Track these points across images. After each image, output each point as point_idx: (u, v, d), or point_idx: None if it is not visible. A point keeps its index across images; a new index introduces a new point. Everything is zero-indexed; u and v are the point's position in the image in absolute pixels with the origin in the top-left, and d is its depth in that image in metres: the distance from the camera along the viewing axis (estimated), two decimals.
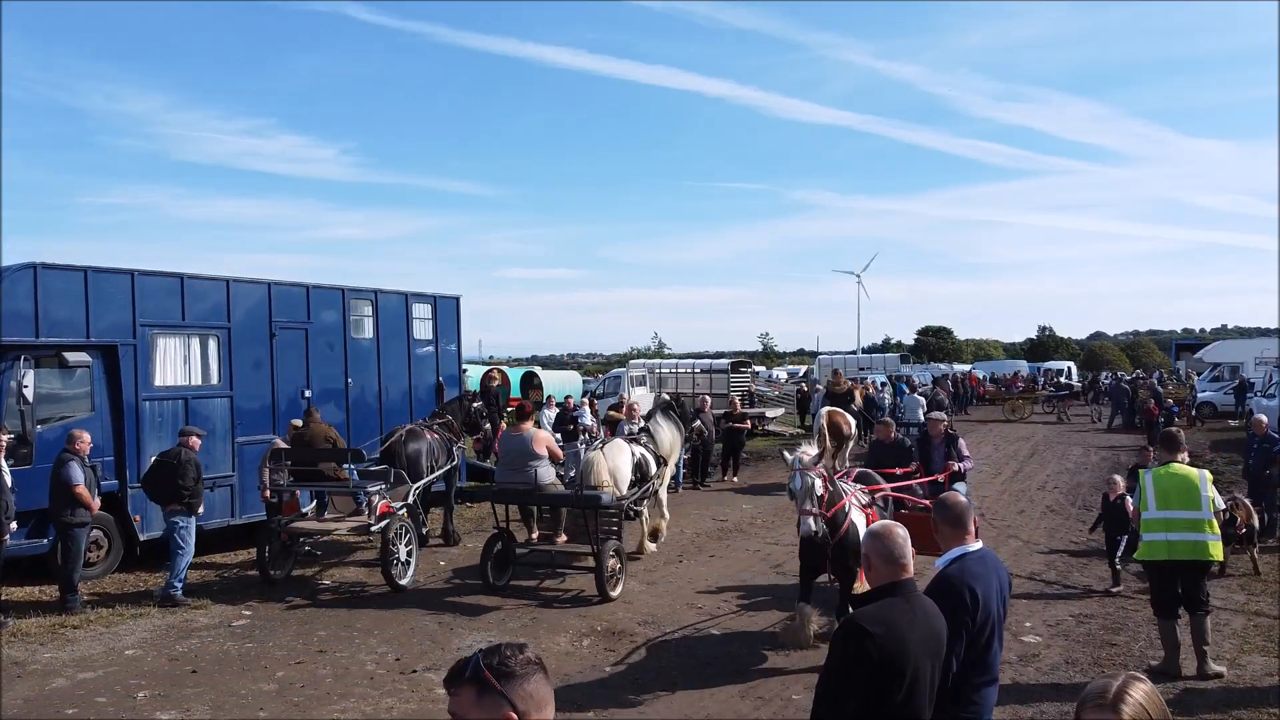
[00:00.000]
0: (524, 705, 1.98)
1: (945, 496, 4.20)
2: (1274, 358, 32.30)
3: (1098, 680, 2.36)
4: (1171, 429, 8.46)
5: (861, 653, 3.23)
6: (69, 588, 9.68)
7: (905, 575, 3.47)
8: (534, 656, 2.05)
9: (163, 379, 12.03)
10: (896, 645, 3.26)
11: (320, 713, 6.95)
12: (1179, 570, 7.43)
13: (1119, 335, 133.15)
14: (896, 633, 3.28)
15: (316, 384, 13.95)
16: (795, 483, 7.77)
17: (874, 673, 3.23)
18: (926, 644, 3.37)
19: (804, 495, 7.69)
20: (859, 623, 3.32)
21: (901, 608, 3.39)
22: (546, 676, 2.06)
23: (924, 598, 3.58)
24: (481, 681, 1.98)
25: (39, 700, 7.22)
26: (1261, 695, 7.02)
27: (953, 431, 10.55)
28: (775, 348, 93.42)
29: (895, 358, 56.96)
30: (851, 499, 8.27)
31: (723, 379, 31.87)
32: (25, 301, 10.71)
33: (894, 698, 3.25)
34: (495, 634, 8.87)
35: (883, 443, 11.02)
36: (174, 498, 10.07)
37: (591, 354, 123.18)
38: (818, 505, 7.69)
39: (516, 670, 2.00)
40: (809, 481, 7.69)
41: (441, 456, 12.83)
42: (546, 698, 2.04)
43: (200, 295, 12.55)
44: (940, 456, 10.46)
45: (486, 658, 2.02)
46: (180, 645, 8.59)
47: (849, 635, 3.31)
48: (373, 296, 15.02)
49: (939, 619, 3.54)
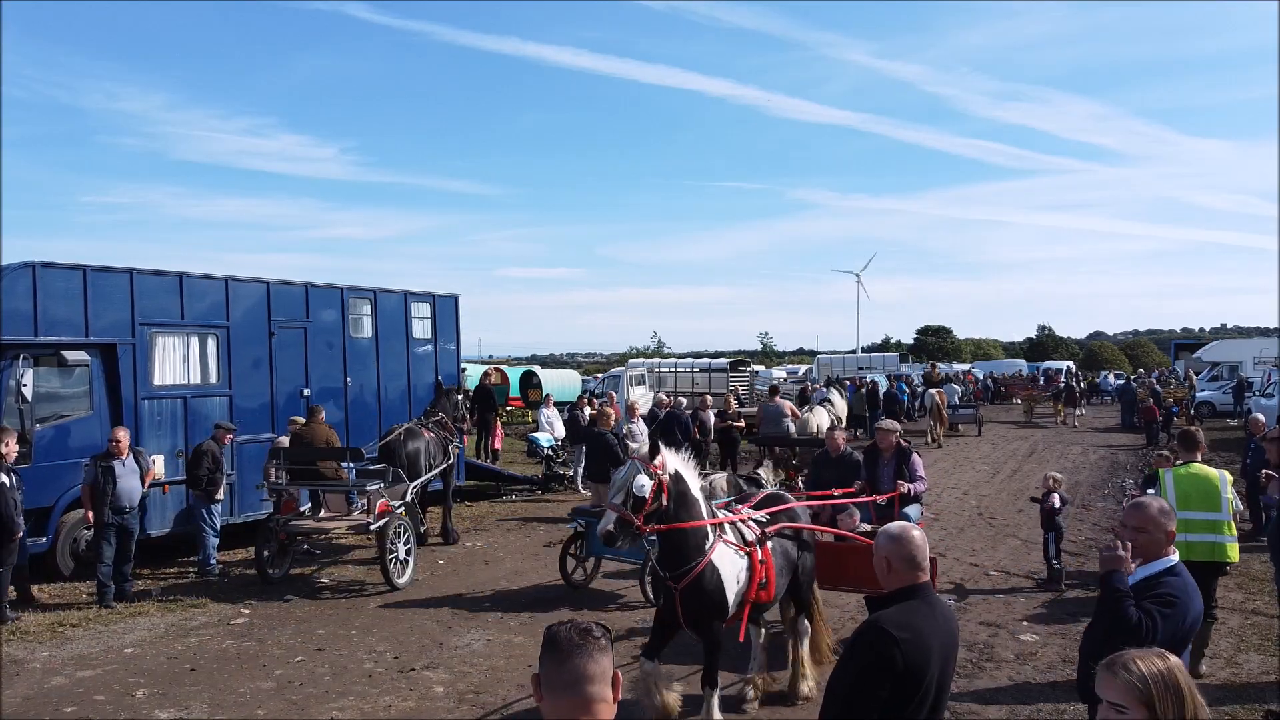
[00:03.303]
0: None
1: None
2: (1273, 357, 32.33)
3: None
4: (1190, 428, 8.39)
5: (886, 660, 3.11)
6: (121, 578, 10.13)
7: (924, 578, 3.38)
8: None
9: (161, 378, 12.03)
10: (921, 651, 3.15)
11: (318, 711, 6.96)
12: (1193, 571, 7.42)
13: (1118, 335, 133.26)
14: (921, 638, 3.18)
15: (315, 383, 13.96)
16: (619, 471, 6.03)
17: (898, 680, 3.11)
18: (946, 648, 3.30)
19: (619, 487, 5.93)
20: (884, 627, 3.18)
21: (923, 611, 3.28)
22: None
23: (940, 600, 3.47)
24: (608, 644, 2.19)
25: (37, 698, 7.23)
26: (1259, 693, 7.03)
27: (906, 444, 8.76)
28: (775, 347, 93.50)
29: (894, 357, 56.99)
30: (723, 525, 6.31)
31: (722, 378, 31.85)
32: (24, 300, 10.71)
33: (911, 703, 3.17)
34: (494, 632, 8.88)
35: (828, 455, 9.07)
36: (193, 485, 11.16)
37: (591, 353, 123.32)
38: (630, 506, 5.82)
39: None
40: (631, 475, 5.87)
41: (438, 455, 12.84)
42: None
43: (199, 294, 12.56)
44: (889, 475, 8.57)
45: (595, 628, 2.18)
46: (179, 644, 8.60)
47: (873, 641, 3.18)
48: (371, 296, 15.02)
49: (954, 620, 3.47)
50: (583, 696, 2.08)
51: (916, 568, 3.37)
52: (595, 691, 2.09)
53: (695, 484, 6.15)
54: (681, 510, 5.99)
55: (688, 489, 6.06)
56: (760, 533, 6.51)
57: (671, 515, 5.95)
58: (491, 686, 7.42)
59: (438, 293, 16.35)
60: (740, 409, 22.85)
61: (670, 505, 5.94)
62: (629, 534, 5.86)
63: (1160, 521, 3.92)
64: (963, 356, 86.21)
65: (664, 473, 5.93)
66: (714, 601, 5.99)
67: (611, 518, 5.81)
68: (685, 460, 6.25)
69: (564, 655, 2.11)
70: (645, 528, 5.86)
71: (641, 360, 39.69)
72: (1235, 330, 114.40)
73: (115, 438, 9.98)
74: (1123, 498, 14.89)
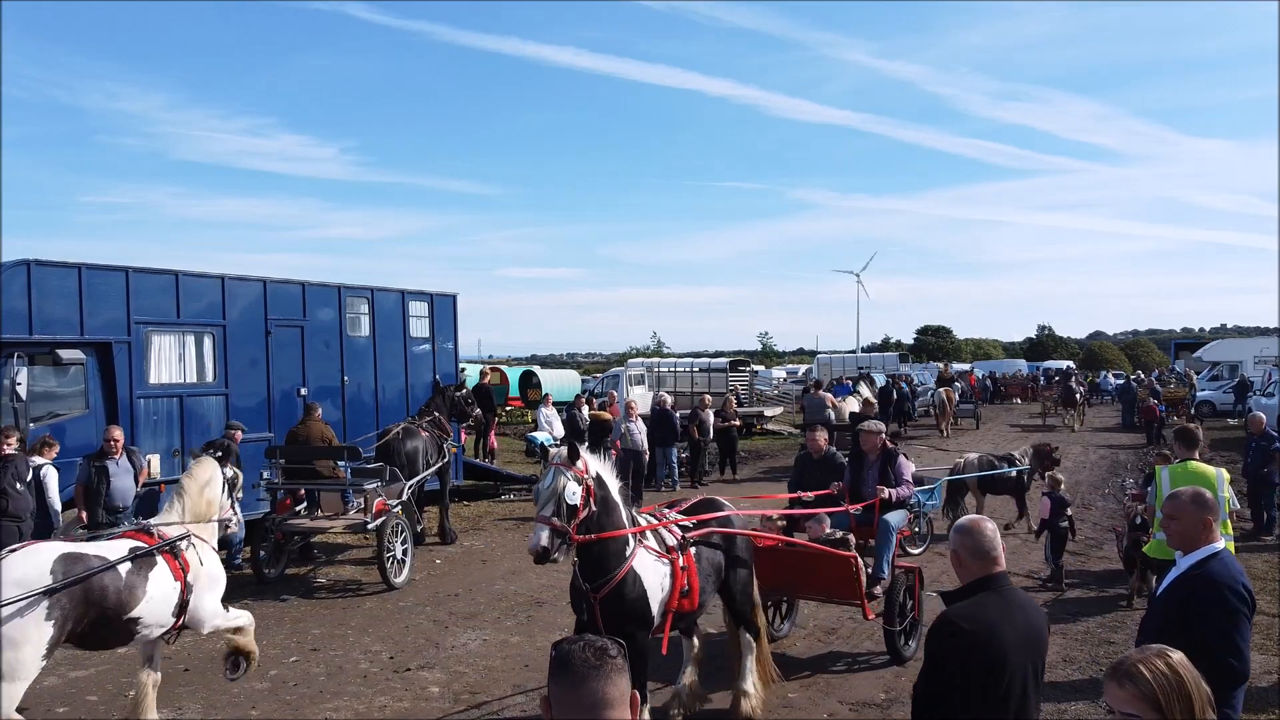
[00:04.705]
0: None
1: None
2: (1273, 357, 32.29)
3: (1129, 652, 2.39)
4: (1189, 425, 8.38)
5: (953, 651, 3.09)
6: None
7: (997, 569, 3.31)
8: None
9: (157, 377, 11.98)
10: (992, 642, 3.10)
11: (312, 711, 6.91)
12: None
13: (1118, 335, 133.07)
14: (991, 629, 3.12)
15: (312, 382, 13.91)
16: (545, 480, 5.47)
17: (970, 672, 3.08)
18: (1026, 641, 3.21)
19: (548, 498, 5.36)
20: (950, 619, 3.17)
21: (995, 603, 3.23)
22: None
23: (1019, 592, 3.41)
24: (625, 663, 2.04)
25: (29, 698, 7.14)
26: (1261, 694, 6.97)
27: (892, 446, 8.29)
28: (775, 347, 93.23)
29: (894, 357, 56.85)
30: (645, 533, 5.89)
31: (721, 378, 31.78)
32: (19, 299, 10.66)
33: (995, 697, 3.09)
34: (490, 632, 8.83)
35: (810, 456, 8.56)
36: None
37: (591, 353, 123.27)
38: (565, 516, 5.33)
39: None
40: (560, 483, 5.37)
41: (435, 454, 12.80)
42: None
43: (195, 293, 12.50)
44: (873, 478, 8.06)
45: (611, 646, 2.03)
46: (173, 644, 8.52)
47: (939, 634, 3.18)
48: (369, 294, 14.98)
49: (1038, 613, 3.38)
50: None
51: (987, 559, 3.31)
52: (614, 717, 1.93)
53: (615, 486, 5.76)
54: (605, 516, 5.57)
55: (609, 493, 5.68)
56: (681, 538, 6.09)
57: (596, 522, 5.50)
58: (487, 687, 7.37)
59: (435, 292, 16.30)
60: (739, 409, 22.83)
61: (595, 511, 5.51)
62: (563, 547, 5.38)
63: (1190, 509, 3.81)
64: (962, 356, 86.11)
65: (589, 476, 5.51)
66: (637, 611, 5.61)
67: (543, 532, 5.25)
68: (603, 462, 5.82)
69: (578, 678, 1.94)
70: (579, 538, 5.41)
71: (641, 360, 39.57)
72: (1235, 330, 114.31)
73: (111, 437, 9.92)
74: (1123, 497, 14.83)
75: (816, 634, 8.70)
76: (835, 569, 7.33)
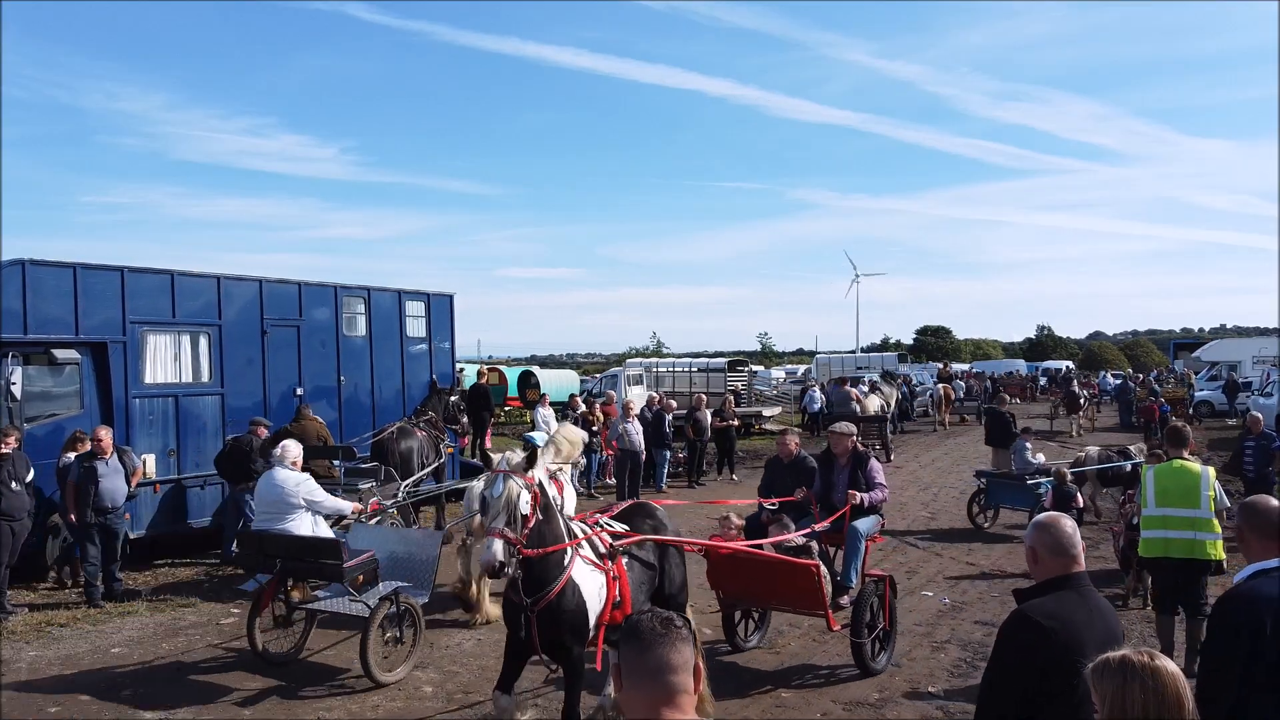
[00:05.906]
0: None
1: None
2: (1272, 357, 32.29)
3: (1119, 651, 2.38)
4: (1178, 424, 8.40)
5: (1030, 649, 2.92)
6: (109, 577, 10.10)
7: (1077, 568, 3.15)
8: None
9: (153, 376, 11.96)
10: (1072, 642, 2.90)
11: (306, 711, 6.90)
12: (1176, 568, 7.39)
13: (1118, 335, 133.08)
14: (1072, 629, 2.95)
15: (309, 382, 13.89)
16: (494, 488, 5.18)
17: (1044, 673, 2.89)
18: (1105, 644, 2.99)
19: (500, 508, 5.10)
20: (1029, 615, 3.00)
21: (1075, 602, 3.05)
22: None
23: (1098, 595, 3.23)
24: (690, 634, 2.21)
25: (22, 698, 7.16)
26: None
27: (863, 449, 8.03)
28: (774, 347, 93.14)
29: (893, 357, 56.86)
30: (582, 544, 5.65)
31: (720, 378, 31.77)
32: (14, 298, 10.63)
33: (1071, 701, 2.88)
34: (484, 632, 8.81)
35: (780, 461, 8.38)
36: (246, 477, 11.11)
37: (591, 354, 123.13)
38: (517, 527, 5.11)
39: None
40: (513, 491, 5.14)
41: (430, 454, 12.77)
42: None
43: (191, 293, 12.48)
44: (844, 482, 7.77)
45: (676, 617, 2.20)
46: (166, 644, 8.53)
47: (1016, 629, 2.99)
48: (365, 294, 14.95)
49: (1115, 619, 3.19)
50: (665, 686, 2.07)
51: (1067, 556, 3.16)
52: (678, 681, 2.08)
53: (553, 492, 5.54)
54: (545, 525, 5.32)
55: (549, 500, 5.44)
56: (610, 545, 5.84)
57: (537, 530, 5.25)
58: (481, 686, 7.34)
59: (432, 291, 16.27)
60: (737, 409, 22.81)
61: (540, 519, 5.26)
62: (514, 560, 5.12)
63: (1252, 522, 3.48)
64: (962, 356, 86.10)
65: (535, 484, 5.28)
66: (574, 623, 5.37)
67: (497, 545, 5.00)
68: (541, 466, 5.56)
69: (646, 644, 2.10)
70: (527, 552, 5.17)
71: (639, 360, 39.55)
72: (1235, 330, 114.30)
73: (96, 437, 9.88)
74: (1121, 496, 14.80)
75: (810, 633, 8.68)
76: (797, 578, 7.06)
